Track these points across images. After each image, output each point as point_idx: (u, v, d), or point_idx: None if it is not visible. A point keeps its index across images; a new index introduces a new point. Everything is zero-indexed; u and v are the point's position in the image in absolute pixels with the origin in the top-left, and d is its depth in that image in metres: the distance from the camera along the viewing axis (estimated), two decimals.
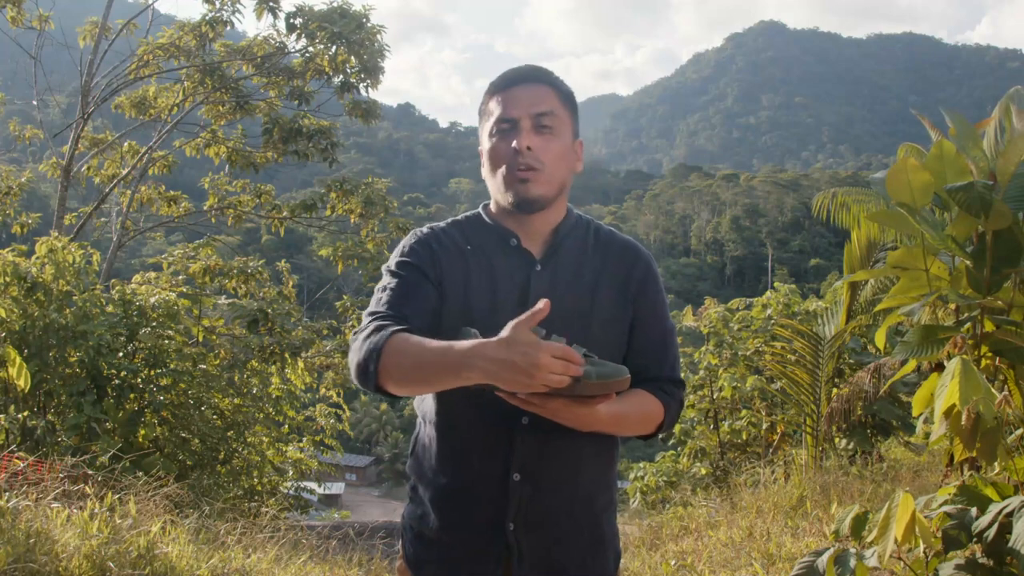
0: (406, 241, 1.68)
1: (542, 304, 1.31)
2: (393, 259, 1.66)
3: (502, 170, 1.62)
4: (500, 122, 1.62)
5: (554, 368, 1.28)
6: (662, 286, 1.75)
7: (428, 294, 1.58)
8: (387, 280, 1.63)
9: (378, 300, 1.60)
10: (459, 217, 1.74)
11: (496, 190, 1.65)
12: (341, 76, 11.07)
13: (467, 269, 1.63)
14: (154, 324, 6.52)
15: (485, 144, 1.66)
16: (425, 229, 1.70)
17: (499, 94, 1.64)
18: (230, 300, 9.17)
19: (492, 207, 1.72)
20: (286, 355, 8.65)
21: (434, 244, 1.66)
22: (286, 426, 8.59)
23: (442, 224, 1.72)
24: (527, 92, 1.63)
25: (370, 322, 1.54)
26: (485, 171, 1.67)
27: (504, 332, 1.31)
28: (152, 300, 6.63)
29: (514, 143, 1.59)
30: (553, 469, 1.61)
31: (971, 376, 2.21)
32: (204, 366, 7.03)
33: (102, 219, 12.36)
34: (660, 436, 1.76)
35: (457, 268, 1.63)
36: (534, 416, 1.51)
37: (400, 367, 1.45)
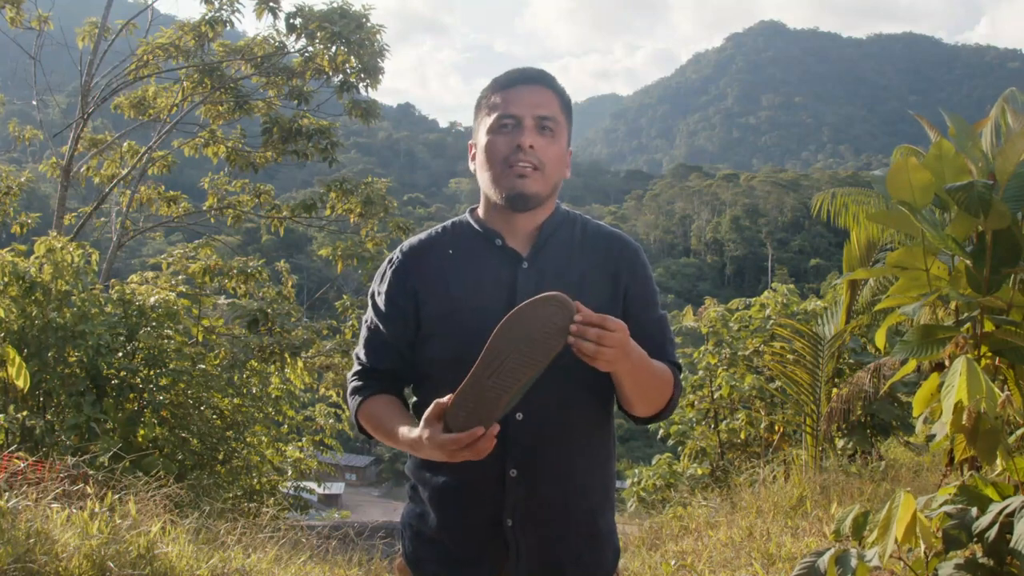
0: (382, 268, 1.75)
1: (446, 400, 1.43)
2: (373, 285, 1.76)
3: (499, 165, 1.63)
4: (503, 119, 1.63)
5: (462, 451, 1.42)
6: (652, 276, 1.76)
7: (397, 329, 1.69)
8: (367, 314, 1.76)
9: (361, 340, 1.76)
10: (446, 223, 1.76)
11: (488, 185, 1.66)
12: (341, 76, 11.06)
13: (449, 273, 1.66)
14: (153, 324, 6.52)
15: (482, 139, 1.66)
16: (400, 251, 1.74)
17: (503, 91, 1.66)
18: (230, 300, 9.17)
19: (480, 210, 1.73)
20: (286, 355, 8.65)
21: (409, 263, 1.70)
22: (286, 426, 8.58)
23: (422, 235, 1.75)
24: (532, 93, 1.65)
25: (353, 375, 1.75)
26: (478, 165, 1.68)
27: (424, 432, 1.47)
28: (151, 300, 6.63)
29: (518, 141, 1.61)
30: (549, 465, 1.62)
31: (974, 375, 2.21)
32: (204, 366, 7.03)
33: (102, 219, 12.33)
34: (661, 422, 1.80)
35: (438, 274, 1.66)
36: (528, 412, 1.55)
37: (374, 433, 1.70)
